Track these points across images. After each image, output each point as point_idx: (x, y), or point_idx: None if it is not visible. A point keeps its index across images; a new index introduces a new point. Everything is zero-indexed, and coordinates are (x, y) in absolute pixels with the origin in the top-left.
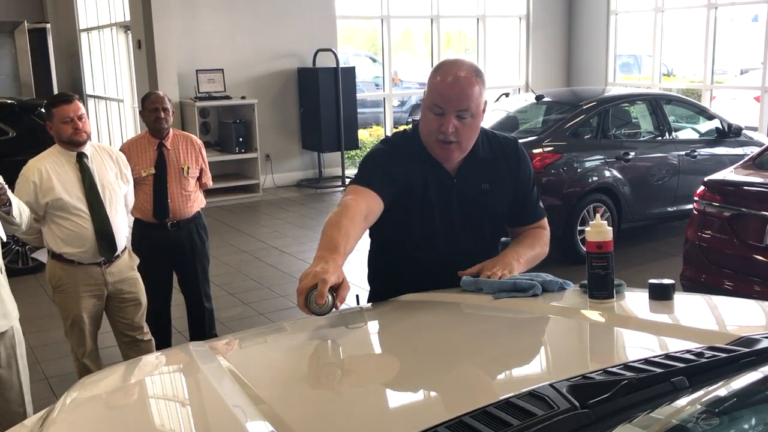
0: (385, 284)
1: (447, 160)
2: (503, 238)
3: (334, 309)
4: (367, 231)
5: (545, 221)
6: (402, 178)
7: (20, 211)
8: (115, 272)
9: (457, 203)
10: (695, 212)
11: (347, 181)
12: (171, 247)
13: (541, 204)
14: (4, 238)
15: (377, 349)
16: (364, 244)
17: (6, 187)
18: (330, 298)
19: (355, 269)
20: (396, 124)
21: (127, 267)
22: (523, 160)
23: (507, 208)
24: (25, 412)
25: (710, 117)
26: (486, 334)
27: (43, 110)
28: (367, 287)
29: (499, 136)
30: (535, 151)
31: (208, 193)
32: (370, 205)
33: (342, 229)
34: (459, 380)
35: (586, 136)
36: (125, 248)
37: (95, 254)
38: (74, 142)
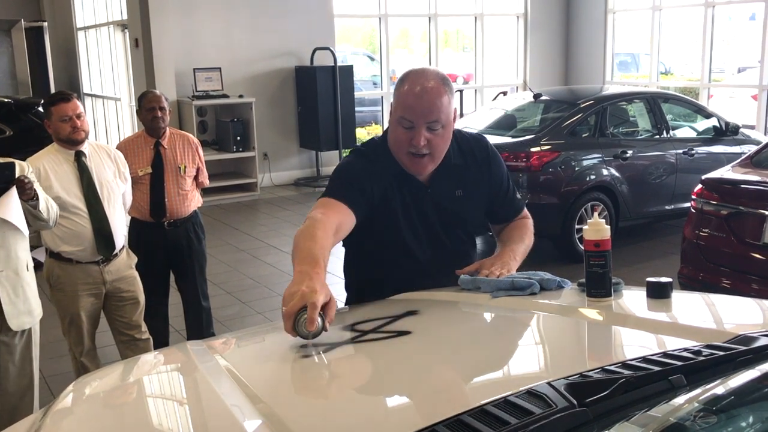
0: (365, 292)
1: (419, 173)
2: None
3: (324, 331)
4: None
5: (526, 211)
6: (375, 191)
7: (48, 206)
8: (113, 271)
9: (432, 211)
10: (693, 210)
11: None
12: (168, 246)
13: (518, 195)
14: (26, 233)
15: (375, 348)
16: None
17: (33, 180)
18: (320, 321)
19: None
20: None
21: (125, 266)
22: (494, 160)
23: (483, 210)
24: None
25: (708, 115)
26: (484, 333)
27: (40, 109)
28: (342, 293)
29: (468, 137)
30: (533, 149)
31: (205, 192)
32: (341, 220)
33: (318, 241)
34: (457, 379)
35: (583, 135)
36: (123, 247)
37: (93, 253)
38: (72, 140)
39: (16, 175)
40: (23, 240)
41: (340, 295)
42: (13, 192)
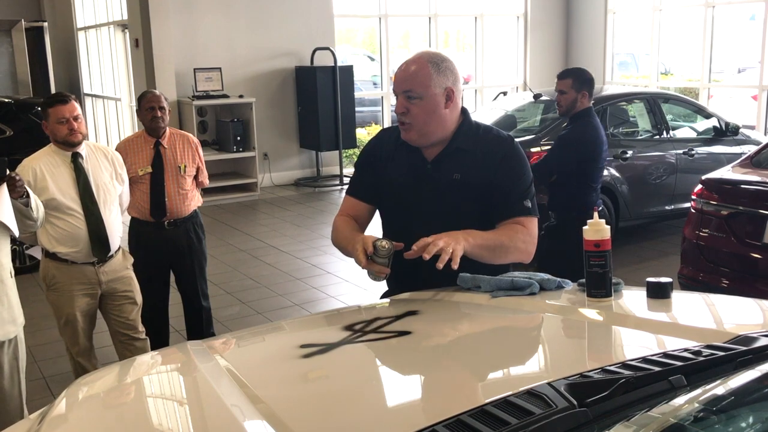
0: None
1: (409, 141)
2: None
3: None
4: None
5: (526, 220)
6: (382, 170)
7: (37, 205)
8: (109, 271)
9: (430, 190)
10: (693, 211)
11: (345, 180)
12: (168, 246)
13: (528, 204)
14: (17, 234)
15: (375, 348)
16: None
17: (23, 179)
18: (387, 241)
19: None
20: (394, 123)
21: (121, 266)
22: (507, 156)
23: (477, 200)
24: None
25: (708, 116)
26: (484, 333)
27: (40, 109)
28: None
29: (494, 132)
30: (533, 149)
31: (205, 192)
32: (354, 213)
33: (344, 230)
34: (457, 379)
35: None
36: (119, 248)
37: (89, 254)
38: (69, 142)
39: (7, 173)
40: (6, 245)
41: (338, 295)
42: (4, 191)
